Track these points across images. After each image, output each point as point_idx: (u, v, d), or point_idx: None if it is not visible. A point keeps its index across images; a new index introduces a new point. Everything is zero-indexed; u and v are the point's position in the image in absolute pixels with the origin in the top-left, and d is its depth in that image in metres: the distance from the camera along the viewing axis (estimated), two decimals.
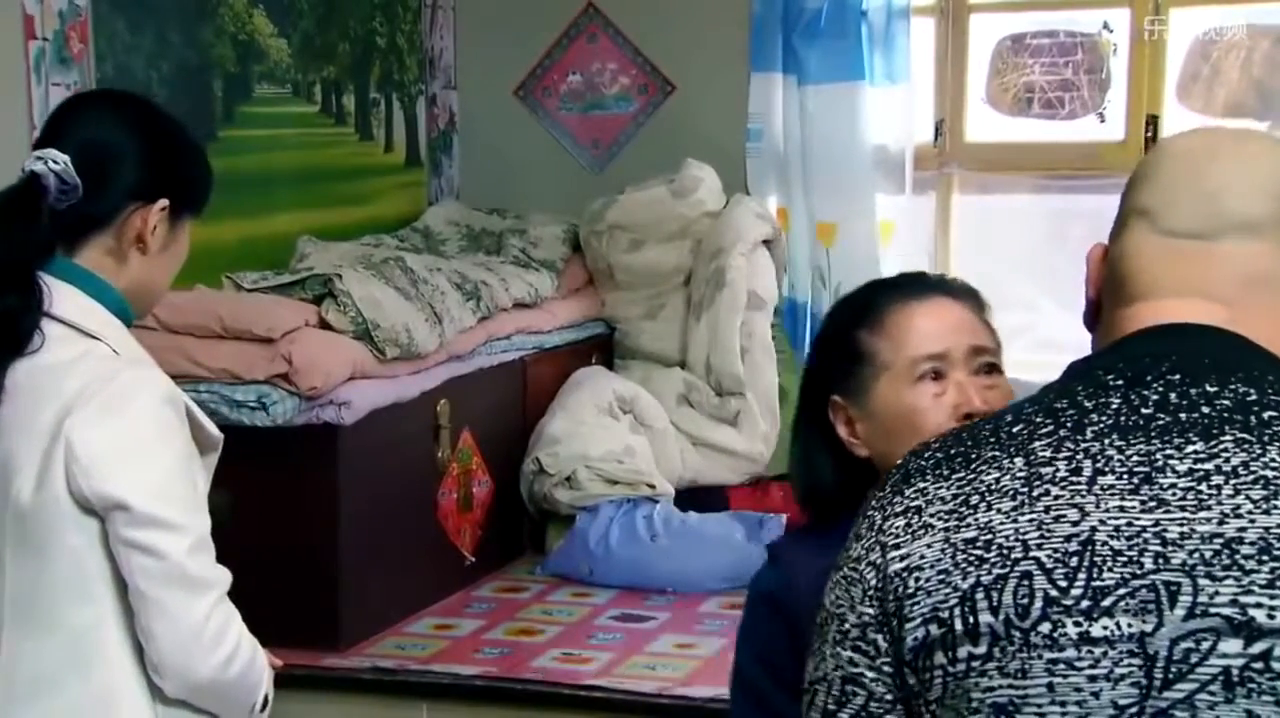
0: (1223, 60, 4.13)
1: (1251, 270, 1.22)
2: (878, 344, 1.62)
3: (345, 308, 3.30)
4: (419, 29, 4.59)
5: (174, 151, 1.81)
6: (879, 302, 1.66)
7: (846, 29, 4.14)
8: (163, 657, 1.65)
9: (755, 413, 3.93)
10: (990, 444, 1.19)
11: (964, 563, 1.14)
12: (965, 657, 1.12)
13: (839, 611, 1.21)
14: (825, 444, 1.66)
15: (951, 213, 4.36)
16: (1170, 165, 1.27)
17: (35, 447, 1.64)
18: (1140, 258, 1.25)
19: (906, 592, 1.16)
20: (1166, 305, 1.23)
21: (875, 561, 1.19)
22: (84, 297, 1.72)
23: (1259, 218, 1.22)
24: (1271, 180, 1.24)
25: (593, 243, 4.27)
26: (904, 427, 1.58)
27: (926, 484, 1.20)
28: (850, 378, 1.63)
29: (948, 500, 1.17)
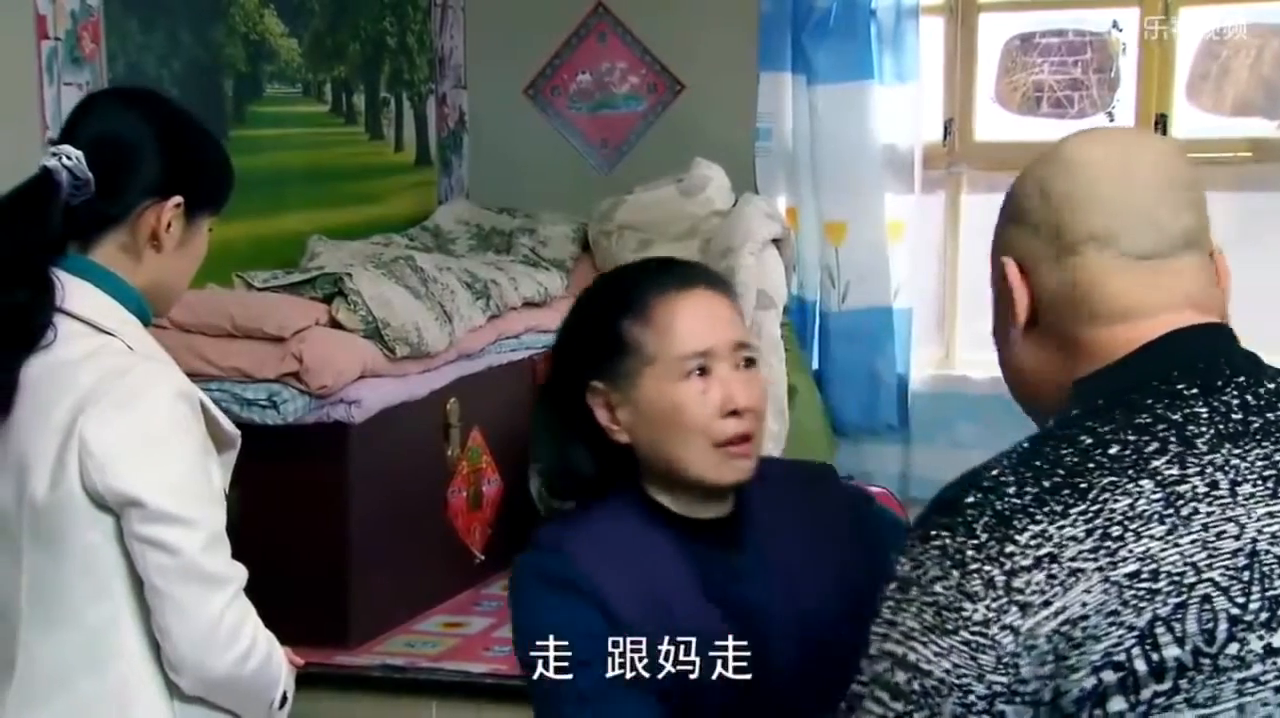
0: (1232, 59, 4.13)
1: (1209, 277, 1.28)
2: (643, 336, 1.60)
3: (355, 307, 3.30)
4: (429, 29, 4.60)
5: (190, 149, 1.79)
6: (643, 291, 1.63)
7: (855, 28, 4.14)
8: (179, 653, 1.65)
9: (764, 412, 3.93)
10: (1096, 471, 1.14)
11: (1133, 599, 1.07)
12: (1149, 697, 1.06)
13: (961, 681, 1.10)
14: (580, 430, 1.63)
15: (961, 212, 4.35)
16: (1100, 187, 1.27)
17: (50, 443, 1.64)
18: (1111, 281, 1.26)
19: (1073, 645, 1.07)
20: (1164, 319, 1.25)
21: (1014, 624, 1.09)
22: (100, 293, 1.71)
23: (1194, 230, 1.27)
24: (1186, 190, 1.28)
25: (602, 242, 4.27)
26: (669, 421, 1.59)
27: (1044, 526, 1.11)
28: (612, 366, 1.61)
29: (1083, 539, 1.10)
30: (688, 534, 1.61)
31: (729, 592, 1.59)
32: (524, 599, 1.60)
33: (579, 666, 1.52)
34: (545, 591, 1.57)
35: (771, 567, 1.64)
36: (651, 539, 1.59)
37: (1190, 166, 1.31)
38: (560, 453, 1.65)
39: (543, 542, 1.63)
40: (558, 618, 1.54)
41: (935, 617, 1.12)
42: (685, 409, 1.59)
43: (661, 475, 1.62)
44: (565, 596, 1.55)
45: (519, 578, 1.62)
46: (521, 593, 1.61)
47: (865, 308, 4.24)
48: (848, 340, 4.27)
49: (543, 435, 1.67)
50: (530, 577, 1.60)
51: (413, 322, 3.30)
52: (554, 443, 1.65)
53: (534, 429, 1.69)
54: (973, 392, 4.27)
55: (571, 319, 1.71)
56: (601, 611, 1.53)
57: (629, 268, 1.77)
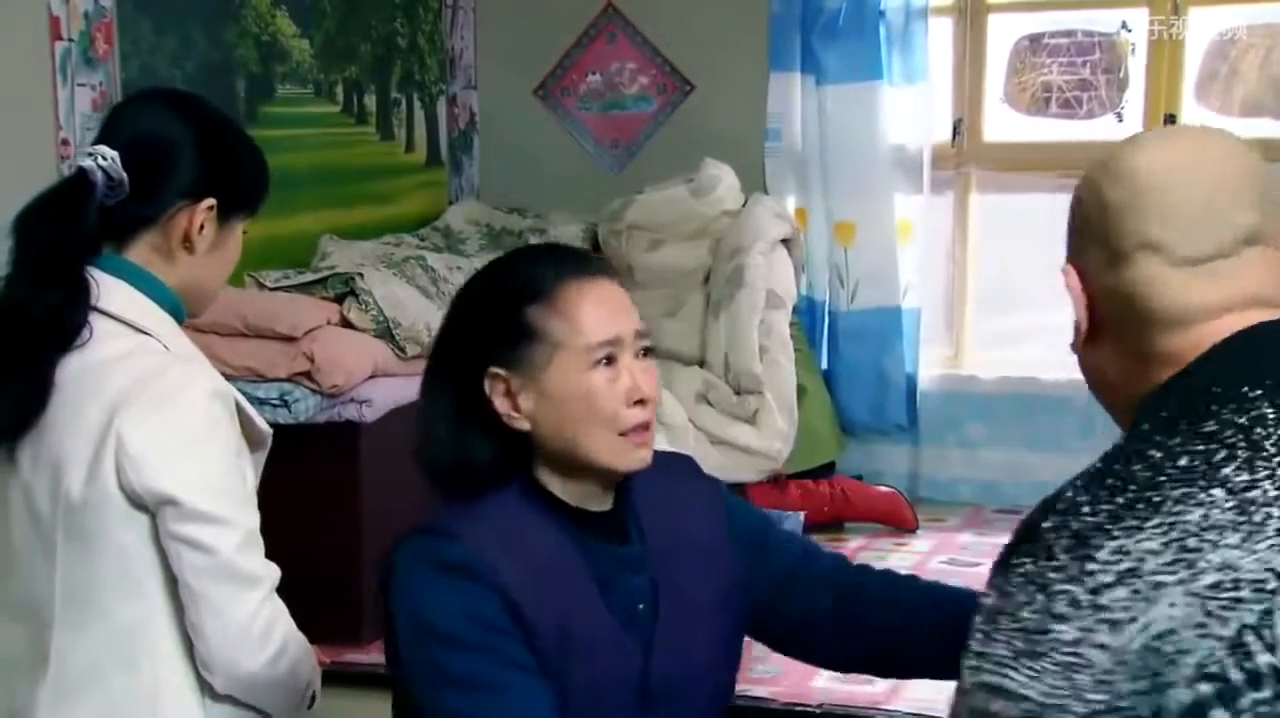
0: (1240, 60, 4.12)
1: (1276, 271, 1.27)
2: (549, 323, 1.58)
3: (367, 306, 3.31)
4: (440, 29, 4.60)
5: (224, 151, 1.79)
6: (547, 278, 1.61)
7: (865, 29, 4.14)
8: (211, 652, 1.65)
9: (773, 411, 3.93)
10: (1167, 484, 1.13)
11: (1218, 610, 1.07)
12: (1250, 704, 1.05)
13: (1057, 701, 1.09)
14: (475, 417, 1.60)
15: (969, 212, 4.35)
16: (1150, 196, 1.27)
17: (86, 442, 1.64)
18: (1166, 289, 1.26)
19: (1165, 660, 1.06)
20: (1227, 321, 1.24)
21: (1104, 642, 1.09)
22: (136, 293, 1.71)
23: (1256, 226, 1.27)
24: (1246, 188, 1.28)
25: (612, 242, 4.27)
26: (580, 409, 1.58)
27: (1122, 542, 1.11)
28: (516, 352, 1.58)
29: (1160, 552, 1.10)
30: (577, 525, 1.60)
31: (617, 583, 1.59)
32: (416, 585, 1.54)
33: (480, 652, 1.49)
34: (441, 576, 1.52)
35: (653, 558, 1.64)
36: (543, 528, 1.57)
37: (1251, 161, 1.31)
38: (457, 441, 1.61)
39: (433, 527, 1.59)
40: (457, 604, 1.50)
41: (1025, 642, 1.12)
42: (595, 397, 1.58)
43: (560, 464, 1.59)
44: (463, 581, 1.51)
45: (407, 563, 1.56)
46: (413, 579, 1.55)
47: (874, 308, 4.24)
48: (857, 340, 4.27)
49: (437, 424, 1.62)
50: (422, 562, 1.55)
51: (424, 321, 3.30)
52: (450, 431, 1.61)
53: (424, 418, 1.64)
54: (981, 392, 4.26)
55: (465, 304, 1.66)
56: (501, 596, 1.50)
57: (525, 253, 1.74)
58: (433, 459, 1.63)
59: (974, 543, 3.84)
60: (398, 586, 1.56)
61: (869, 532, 3.93)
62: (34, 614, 1.70)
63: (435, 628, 1.51)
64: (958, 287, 4.38)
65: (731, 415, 3.95)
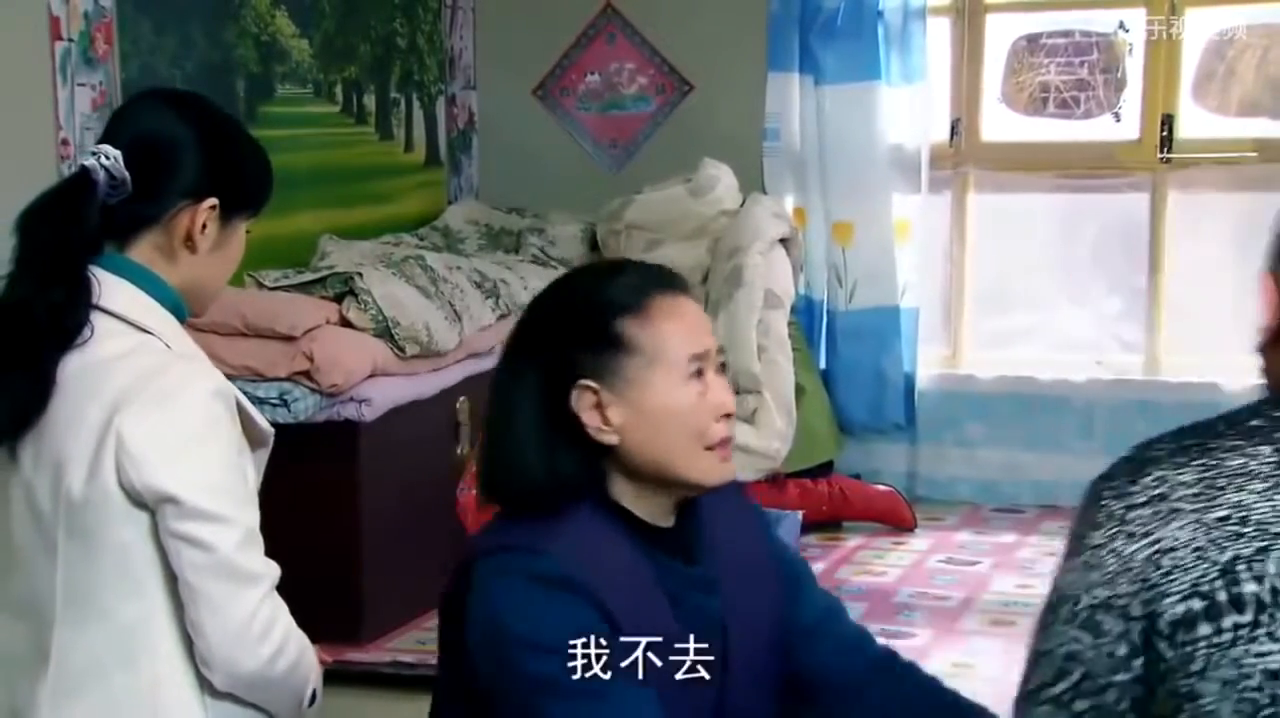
0: (1238, 60, 4.12)
1: None
2: (642, 335, 1.55)
3: (366, 306, 3.31)
4: (439, 30, 4.60)
5: (227, 151, 1.78)
6: (637, 290, 1.58)
7: (863, 29, 4.15)
8: (211, 650, 1.65)
9: (772, 410, 3.93)
10: (1230, 436, 1.27)
11: (1220, 539, 1.20)
12: (1231, 626, 1.17)
13: (1073, 593, 1.27)
14: (562, 430, 1.55)
15: (967, 211, 4.35)
16: None
17: (86, 440, 1.63)
18: None
19: (1162, 572, 1.22)
20: None
21: (1119, 548, 1.25)
22: (138, 291, 1.71)
23: None
24: None
25: (610, 241, 4.27)
26: (675, 423, 1.56)
27: (1165, 473, 1.26)
28: (606, 365, 1.54)
29: (1191, 485, 1.24)
30: (650, 541, 1.57)
31: (687, 602, 1.57)
32: (508, 598, 1.50)
33: (583, 661, 1.47)
34: (538, 588, 1.49)
35: (720, 579, 1.62)
36: (619, 544, 1.54)
37: None
38: (549, 456, 1.55)
39: (516, 543, 1.53)
40: (555, 614, 1.48)
41: (1069, 545, 1.31)
42: (689, 412, 1.56)
43: (642, 478, 1.57)
44: (561, 592, 1.48)
45: (503, 579, 1.51)
46: (504, 591, 1.51)
47: (872, 307, 4.24)
48: (855, 339, 4.28)
49: (523, 439, 1.56)
50: (513, 575, 1.51)
51: (423, 321, 3.31)
52: (539, 446, 1.55)
53: (504, 433, 1.57)
54: (979, 391, 4.27)
55: (549, 314, 1.61)
56: (599, 608, 1.48)
57: (608, 266, 1.72)
58: (521, 475, 1.56)
59: (972, 542, 3.85)
60: (485, 599, 1.52)
61: (867, 531, 3.94)
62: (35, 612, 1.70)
63: (531, 638, 1.48)
64: (955, 286, 4.38)
65: None
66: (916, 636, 3.11)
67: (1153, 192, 4.13)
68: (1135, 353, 4.24)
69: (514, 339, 1.61)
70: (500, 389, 1.59)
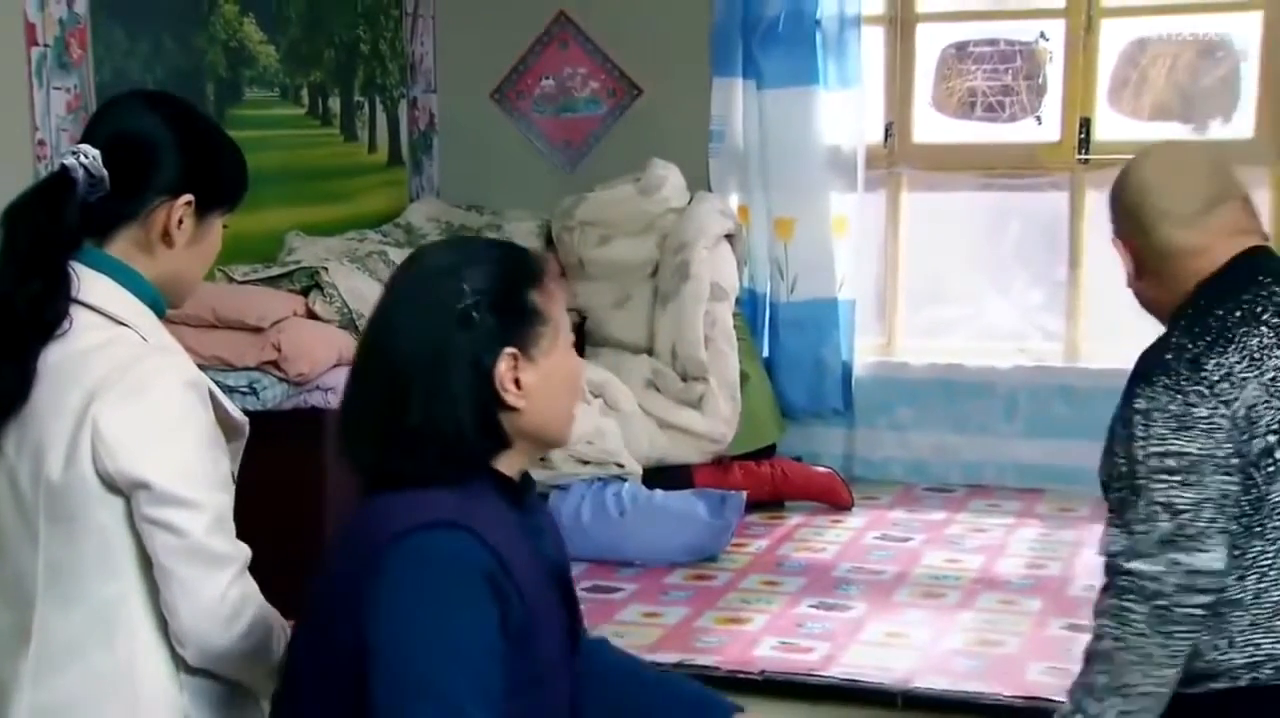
0: (1150, 68, 4.17)
1: (1247, 214, 1.95)
2: (546, 306, 1.56)
3: (331, 299, 3.29)
4: (400, 36, 4.58)
5: (202, 148, 1.76)
6: (534, 265, 1.59)
7: (802, 37, 4.16)
8: (184, 629, 1.64)
9: (718, 397, 3.95)
10: (1234, 326, 1.83)
11: (1276, 393, 1.79)
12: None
13: (1208, 451, 1.77)
14: (486, 396, 1.51)
15: (901, 209, 4.38)
16: (1157, 190, 1.95)
17: (64, 427, 1.62)
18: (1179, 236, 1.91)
19: (1250, 421, 1.78)
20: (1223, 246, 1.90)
21: (1223, 413, 1.78)
22: (115, 286, 1.70)
23: (1220, 191, 1.95)
24: (1208, 169, 1.97)
25: (564, 238, 4.27)
26: (569, 386, 1.59)
27: (1217, 358, 1.80)
28: (526, 335, 1.53)
29: (1241, 362, 1.80)
30: (513, 501, 1.57)
31: (541, 552, 1.57)
32: (438, 588, 1.43)
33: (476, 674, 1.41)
34: (462, 584, 1.43)
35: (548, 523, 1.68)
36: (503, 510, 1.53)
37: (1203, 150, 2.00)
38: (481, 421, 1.51)
39: (440, 519, 1.45)
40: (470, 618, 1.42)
41: (1177, 422, 1.79)
42: (578, 376, 1.62)
43: (528, 440, 1.57)
44: (482, 591, 1.43)
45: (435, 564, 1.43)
46: (436, 581, 1.43)
47: (812, 299, 4.26)
48: (796, 330, 4.29)
49: (457, 403, 1.49)
50: (448, 564, 1.43)
51: None
52: (473, 408, 1.50)
53: (437, 397, 1.49)
54: (911, 377, 4.30)
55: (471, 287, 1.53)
56: (504, 603, 1.44)
57: (500, 243, 1.71)
58: (454, 441, 1.50)
59: (905, 519, 3.87)
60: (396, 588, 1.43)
61: (807, 510, 3.96)
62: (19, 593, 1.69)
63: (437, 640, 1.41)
64: (890, 279, 4.41)
65: (678, 401, 3.96)
66: (853, 608, 3.13)
67: (1072, 190, 4.17)
68: (1056, 341, 4.28)
69: (435, 309, 1.52)
70: (430, 354, 1.51)
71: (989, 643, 2.90)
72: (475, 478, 1.52)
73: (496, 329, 1.52)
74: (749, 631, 2.98)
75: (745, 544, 3.60)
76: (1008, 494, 4.09)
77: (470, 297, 1.52)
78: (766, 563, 3.48)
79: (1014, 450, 4.19)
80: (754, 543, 3.63)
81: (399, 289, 1.56)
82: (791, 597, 3.21)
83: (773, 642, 2.92)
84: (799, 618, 3.07)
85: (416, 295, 1.54)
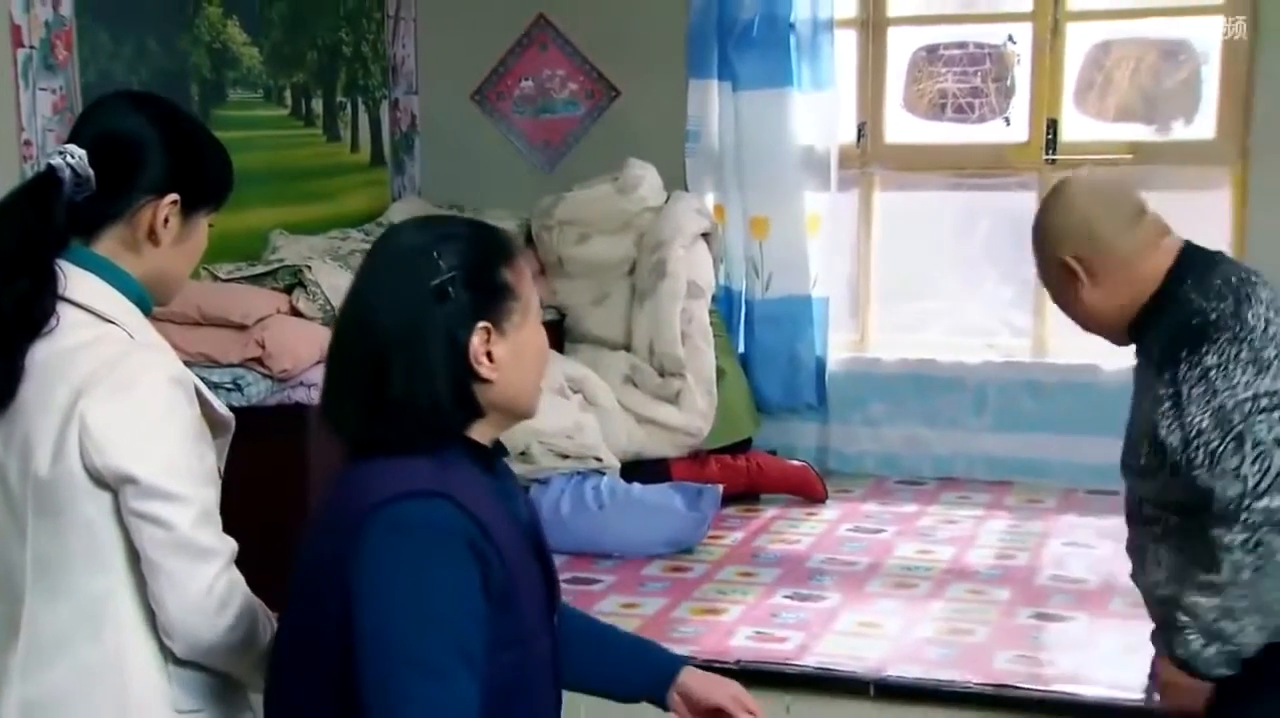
0: (1114, 70, 4.20)
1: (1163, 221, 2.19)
2: (516, 282, 1.59)
3: (314, 296, 3.29)
4: (382, 38, 4.57)
5: (188, 147, 1.76)
6: (504, 242, 1.62)
7: (776, 40, 4.17)
8: (171, 622, 1.65)
9: (694, 392, 3.96)
10: (1238, 285, 2.05)
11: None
12: None
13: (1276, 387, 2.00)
14: (461, 368, 1.53)
15: (873, 208, 4.40)
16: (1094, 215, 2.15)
17: (51, 423, 1.62)
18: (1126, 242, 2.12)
19: None
20: (1164, 245, 2.12)
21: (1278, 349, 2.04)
22: (102, 283, 1.69)
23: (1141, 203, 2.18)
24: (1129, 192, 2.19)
25: (544, 236, 4.27)
26: (537, 359, 1.62)
27: (1250, 309, 2.02)
28: (498, 310, 1.56)
29: (1267, 309, 2.04)
30: (485, 467, 1.59)
31: (514, 514, 1.59)
32: (418, 555, 1.43)
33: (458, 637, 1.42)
34: (443, 549, 1.44)
35: (520, 489, 1.69)
36: (477, 475, 1.55)
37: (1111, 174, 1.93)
38: (457, 392, 1.53)
39: (418, 488, 1.46)
40: (451, 582, 1.43)
41: (1255, 365, 1.99)
42: (546, 351, 1.65)
43: (498, 411, 1.59)
44: (463, 555, 1.44)
45: (397, 537, 1.44)
46: (416, 548, 1.43)
47: (786, 296, 4.28)
48: (771, 326, 4.31)
49: (435, 374, 1.51)
50: (417, 532, 1.44)
51: None
52: (448, 381, 1.53)
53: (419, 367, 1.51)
54: (884, 372, 4.32)
55: (449, 261, 1.55)
56: (485, 564, 1.46)
57: (471, 220, 1.70)
58: (433, 411, 1.52)
59: (878, 512, 3.90)
60: (375, 556, 1.44)
61: (782, 502, 3.98)
62: (9, 587, 1.69)
63: (416, 607, 1.42)
64: (862, 277, 4.43)
65: (656, 396, 3.97)
66: (827, 598, 3.15)
67: (1039, 189, 4.19)
68: (1024, 337, 4.31)
69: (411, 285, 1.54)
70: (408, 328, 1.52)
71: (959, 632, 2.92)
72: (450, 446, 1.55)
73: (470, 304, 1.54)
74: (725, 621, 3.00)
75: (721, 536, 3.62)
76: (977, 487, 4.12)
77: (445, 273, 1.54)
78: (742, 555, 3.50)
79: (983, 444, 4.22)
80: (730, 535, 3.65)
81: (376, 265, 1.59)
82: (767, 588, 3.22)
83: (748, 632, 2.94)
84: (774, 608, 3.08)
85: (393, 272, 1.56)
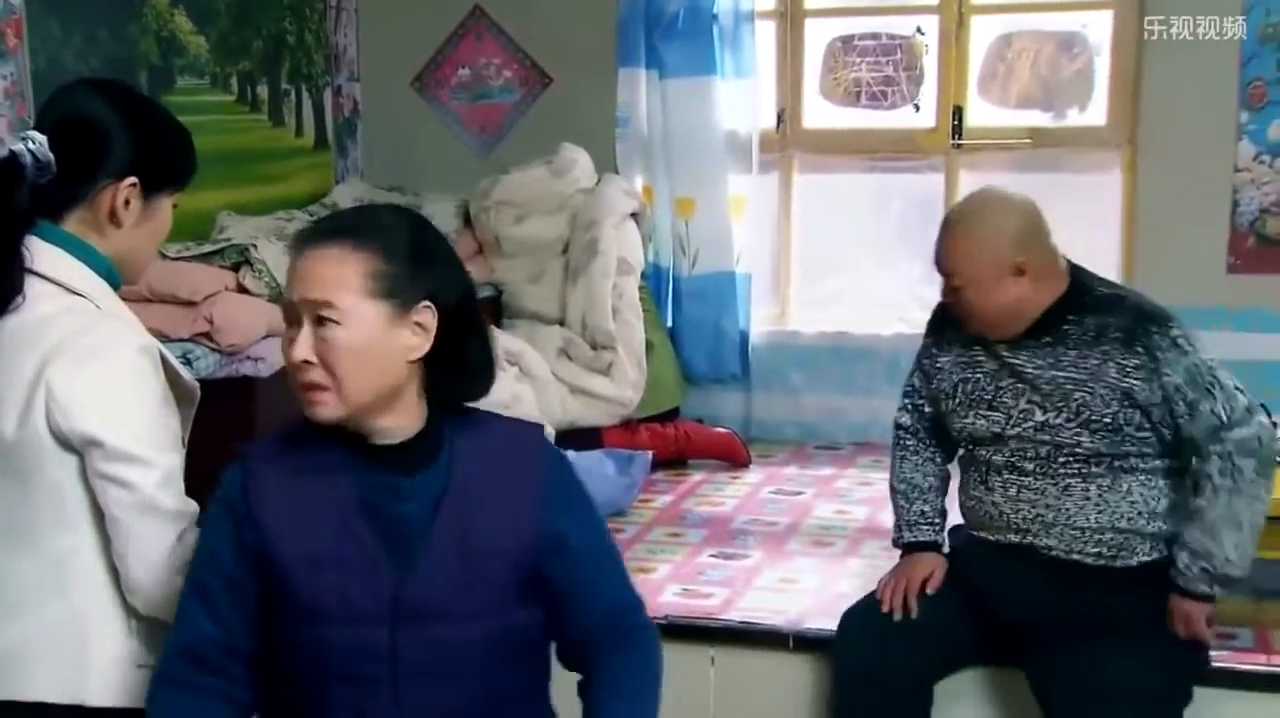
0: (1015, 60, 4.23)
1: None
2: None
3: (260, 274, 3.24)
4: (325, 28, 4.50)
5: (148, 130, 1.72)
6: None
7: (700, 30, 4.16)
8: (133, 579, 1.64)
9: (625, 364, 3.95)
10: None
11: None
12: None
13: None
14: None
15: (792, 189, 4.41)
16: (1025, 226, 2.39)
17: (20, 390, 1.60)
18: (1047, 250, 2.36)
19: None
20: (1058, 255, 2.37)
21: None
22: (69, 257, 1.66)
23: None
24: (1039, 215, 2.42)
25: (481, 217, 4.24)
26: None
27: None
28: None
29: None
30: (359, 455, 1.60)
31: (384, 508, 1.58)
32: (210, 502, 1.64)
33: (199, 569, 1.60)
34: (216, 503, 1.62)
35: (450, 495, 1.61)
36: (322, 458, 1.61)
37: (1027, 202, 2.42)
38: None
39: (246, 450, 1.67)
40: (211, 529, 1.61)
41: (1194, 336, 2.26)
42: None
43: None
44: (217, 511, 1.61)
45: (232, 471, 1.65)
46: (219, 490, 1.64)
47: (712, 273, 4.28)
48: (697, 301, 4.31)
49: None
50: (220, 487, 1.63)
51: None
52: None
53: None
54: (803, 344, 4.34)
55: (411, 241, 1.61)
56: (244, 529, 1.57)
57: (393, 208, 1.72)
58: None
59: (798, 475, 3.92)
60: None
61: (709, 468, 3.99)
62: None
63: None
64: (783, 254, 4.44)
65: (588, 368, 3.96)
66: (750, 556, 3.17)
67: (946, 172, 4.23)
68: None
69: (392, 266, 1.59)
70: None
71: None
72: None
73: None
74: (654, 579, 3.00)
75: (651, 500, 3.63)
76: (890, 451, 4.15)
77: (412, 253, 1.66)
78: (671, 517, 3.50)
79: (896, 411, 4.25)
80: (659, 498, 3.66)
81: None
82: (693, 547, 3.23)
83: (676, 589, 2.94)
84: (700, 567, 3.09)
85: None
